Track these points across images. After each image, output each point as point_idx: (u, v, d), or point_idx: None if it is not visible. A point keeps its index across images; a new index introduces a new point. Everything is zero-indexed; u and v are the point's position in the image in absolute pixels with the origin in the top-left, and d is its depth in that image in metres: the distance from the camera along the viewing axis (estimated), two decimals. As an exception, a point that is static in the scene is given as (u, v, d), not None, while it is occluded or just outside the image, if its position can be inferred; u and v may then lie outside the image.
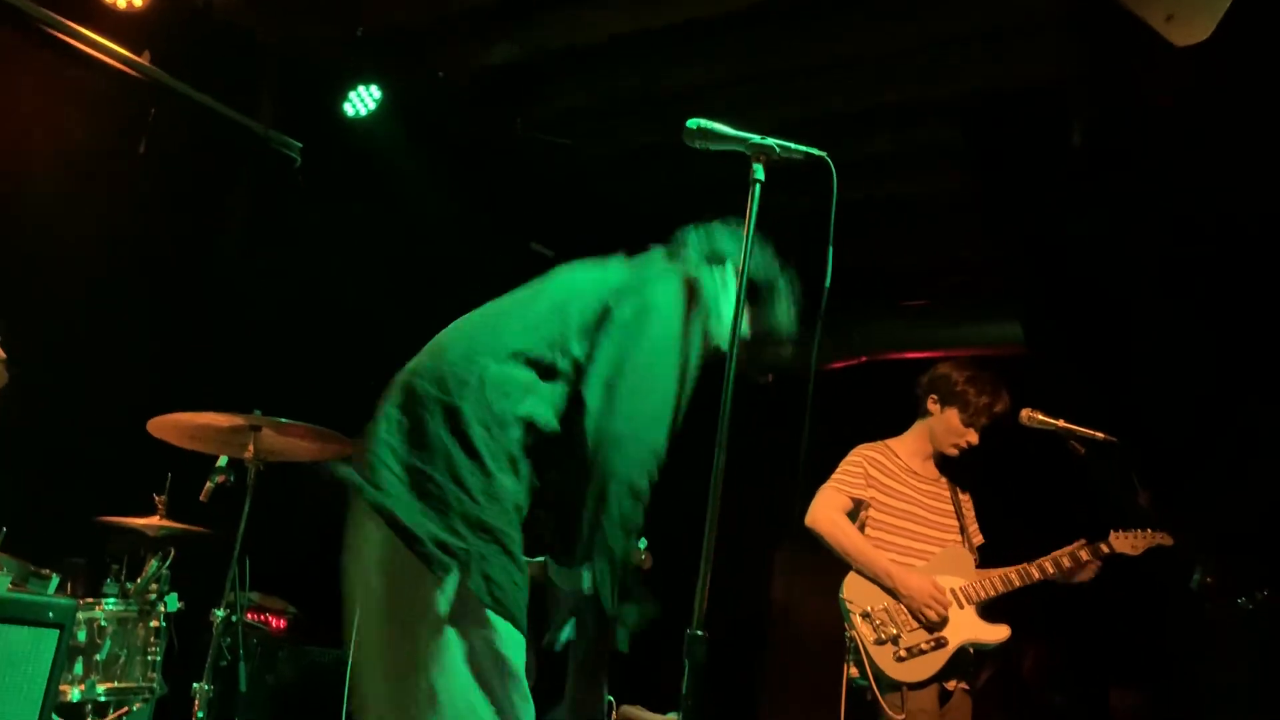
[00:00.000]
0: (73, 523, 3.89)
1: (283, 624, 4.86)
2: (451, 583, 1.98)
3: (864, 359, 6.52)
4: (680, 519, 2.23)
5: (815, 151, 2.20)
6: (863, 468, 3.94)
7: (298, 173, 4.99)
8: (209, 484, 3.89)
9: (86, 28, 4.41)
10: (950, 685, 3.74)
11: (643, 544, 4.44)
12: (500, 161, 5.62)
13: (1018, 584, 3.78)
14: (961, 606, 3.76)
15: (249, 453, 3.77)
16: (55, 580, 3.06)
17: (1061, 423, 3.79)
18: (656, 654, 2.46)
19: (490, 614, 2.01)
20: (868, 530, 3.87)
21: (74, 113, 4.52)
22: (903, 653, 3.66)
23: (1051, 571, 3.77)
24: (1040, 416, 3.83)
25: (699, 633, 2.00)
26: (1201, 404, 5.02)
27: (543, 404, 2.15)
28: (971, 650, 3.75)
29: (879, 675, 3.62)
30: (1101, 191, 4.93)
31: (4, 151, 4.31)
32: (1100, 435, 3.75)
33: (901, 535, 3.87)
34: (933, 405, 4.01)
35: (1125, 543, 3.76)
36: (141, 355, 4.56)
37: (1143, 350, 5.21)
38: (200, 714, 3.62)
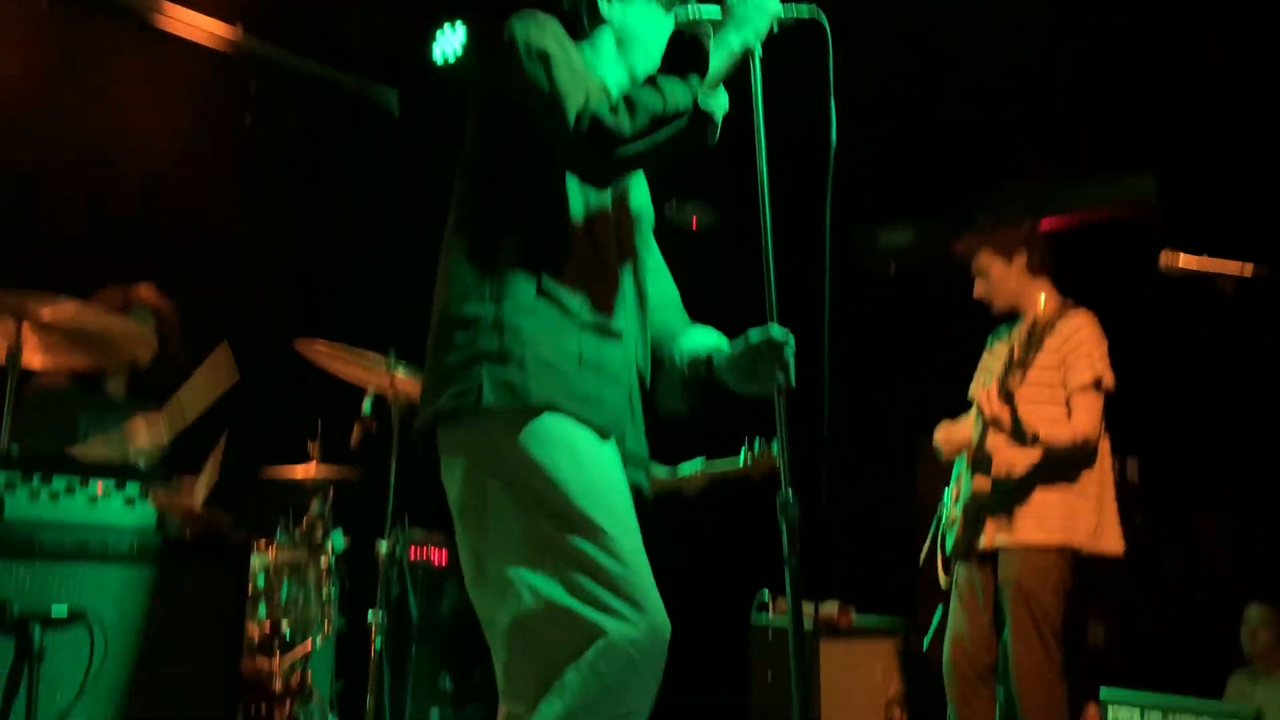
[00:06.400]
0: (238, 476, 4.09)
1: (445, 556, 5.02)
2: None
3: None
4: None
5: (806, 13, 2.08)
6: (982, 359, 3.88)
7: (397, 122, 5.07)
8: (356, 431, 4.02)
9: (181, 8, 4.55)
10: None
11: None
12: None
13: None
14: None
15: (389, 390, 3.87)
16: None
17: (1205, 259, 3.59)
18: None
19: None
20: None
21: (181, 96, 4.71)
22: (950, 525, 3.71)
23: None
24: (1182, 256, 3.64)
25: (789, 494, 2.02)
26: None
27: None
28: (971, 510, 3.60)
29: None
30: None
31: (137, 143, 4.51)
32: (1249, 267, 3.53)
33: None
34: None
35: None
36: (278, 320, 4.74)
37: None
38: (378, 644, 3.79)
